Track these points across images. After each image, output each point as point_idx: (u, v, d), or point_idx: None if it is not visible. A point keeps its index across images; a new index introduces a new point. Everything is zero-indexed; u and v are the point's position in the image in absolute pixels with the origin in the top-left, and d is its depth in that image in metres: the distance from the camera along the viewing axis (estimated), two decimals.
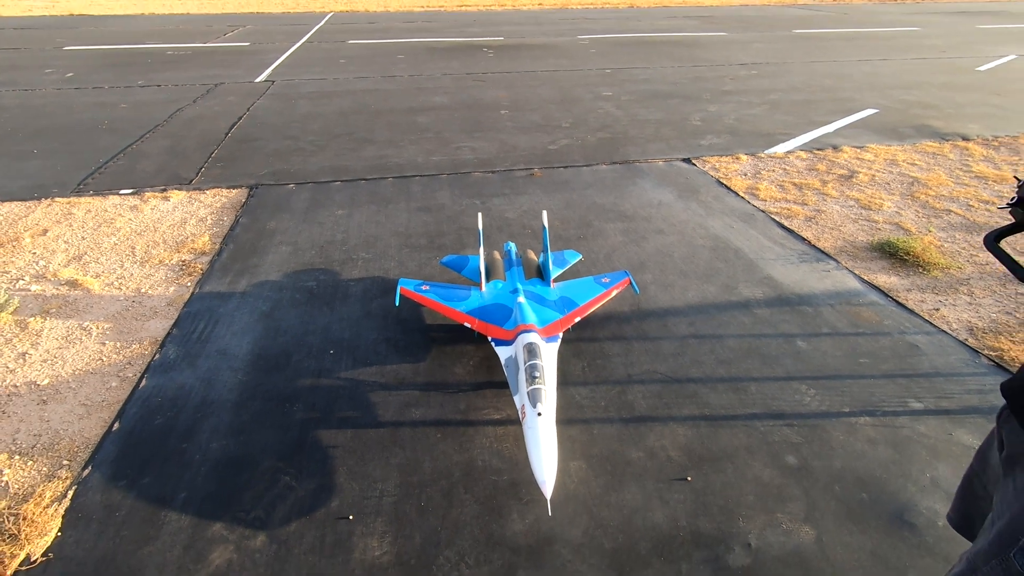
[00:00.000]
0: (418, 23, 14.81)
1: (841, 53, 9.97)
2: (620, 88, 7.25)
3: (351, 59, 9.36)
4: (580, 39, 11.81)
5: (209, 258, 3.13)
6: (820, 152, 4.82)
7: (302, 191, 4.03)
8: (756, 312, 2.65)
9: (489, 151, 4.87)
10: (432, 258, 3.12)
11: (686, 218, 3.62)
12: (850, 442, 1.92)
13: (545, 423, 1.69)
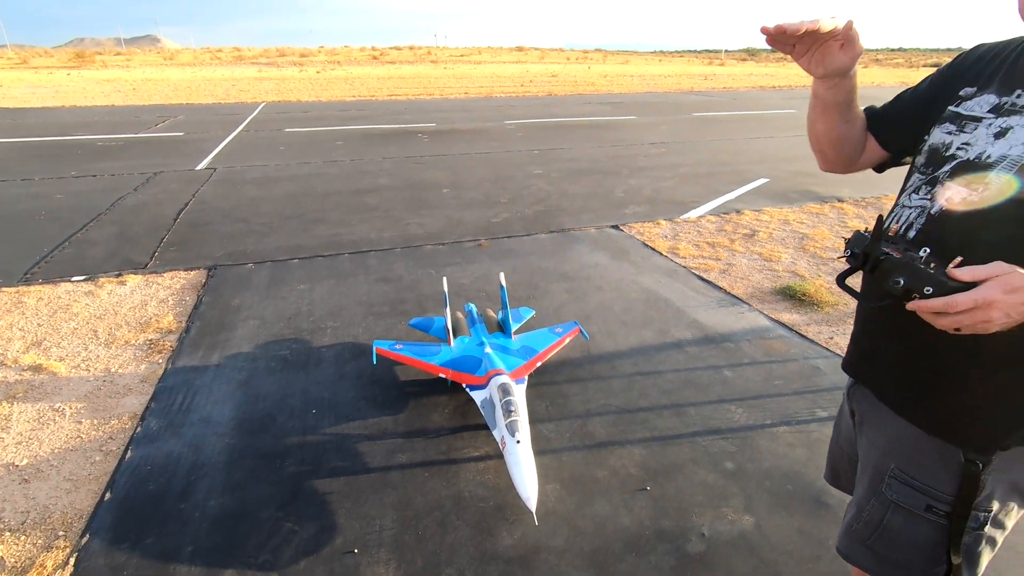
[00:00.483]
0: (352, 112, 15.54)
1: (734, 132, 11.46)
2: (549, 166, 8.00)
3: (291, 146, 9.73)
4: (507, 124, 12.85)
5: (177, 336, 3.23)
6: (726, 216, 5.58)
7: (261, 270, 4.20)
8: (688, 350, 3.08)
9: (437, 226, 5.26)
10: (396, 323, 3.38)
11: (620, 276, 4.10)
12: (774, 447, 2.30)
13: (524, 449, 1.95)
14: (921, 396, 1.01)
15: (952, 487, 0.98)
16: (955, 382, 0.96)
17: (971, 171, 0.91)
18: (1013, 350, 0.88)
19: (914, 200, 1.00)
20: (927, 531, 1.02)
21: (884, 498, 1.07)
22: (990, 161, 0.88)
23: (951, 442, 0.98)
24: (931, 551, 1.02)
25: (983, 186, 0.88)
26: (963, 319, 0.76)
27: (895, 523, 1.06)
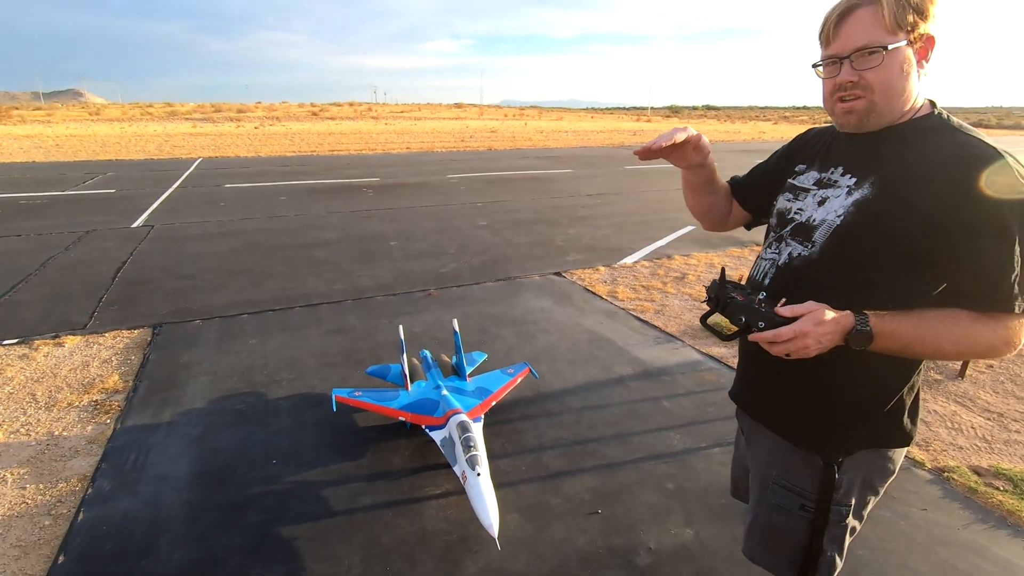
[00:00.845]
0: (293, 167, 15.57)
1: (663, 184, 12.35)
2: (492, 218, 8.36)
3: (232, 201, 9.67)
4: (450, 177, 13.27)
5: (124, 396, 3.17)
6: (658, 261, 6.03)
7: (210, 326, 4.19)
8: (629, 384, 3.33)
9: (386, 277, 5.40)
10: (352, 372, 3.46)
11: (564, 319, 4.37)
12: (709, 467, 2.55)
13: (484, 481, 2.10)
14: (784, 414, 1.26)
15: (816, 488, 1.21)
16: (807, 402, 1.21)
17: (803, 231, 1.19)
18: (847, 376, 1.15)
19: (768, 254, 1.29)
20: (803, 526, 1.24)
21: (769, 503, 1.30)
22: (815, 224, 1.17)
23: (811, 451, 1.22)
24: (807, 543, 1.25)
25: (811, 243, 1.17)
26: (788, 347, 1.02)
27: (779, 523, 1.28)
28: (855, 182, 1.12)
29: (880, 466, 1.22)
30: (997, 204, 0.95)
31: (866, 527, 2.10)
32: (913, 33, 1.01)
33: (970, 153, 0.99)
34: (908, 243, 1.03)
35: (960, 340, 1.02)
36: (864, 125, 1.10)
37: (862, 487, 1.22)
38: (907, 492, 2.39)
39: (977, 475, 2.49)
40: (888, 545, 2.10)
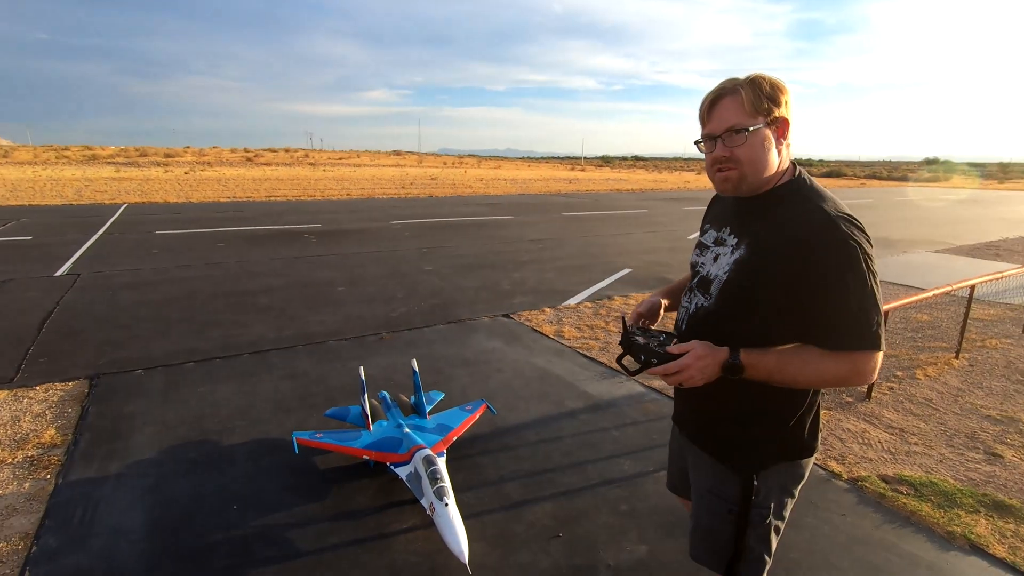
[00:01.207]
0: (229, 213, 15.20)
1: (600, 229, 13.00)
2: (439, 263, 8.53)
3: (166, 249, 9.34)
4: (393, 224, 13.39)
5: (63, 450, 3.04)
6: (600, 302, 6.38)
7: (153, 375, 4.06)
8: (580, 417, 3.53)
9: (336, 322, 5.42)
10: (308, 416, 3.47)
11: (516, 358, 4.55)
12: (658, 489, 2.75)
13: (452, 510, 2.20)
14: (709, 436, 1.49)
15: (739, 495, 1.42)
16: (726, 426, 1.44)
17: (704, 284, 1.44)
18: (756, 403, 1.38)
19: (683, 302, 1.53)
20: (731, 528, 1.44)
21: (707, 509, 1.50)
22: (711, 278, 1.41)
23: (730, 464, 1.44)
24: (735, 542, 1.45)
25: (709, 295, 1.41)
26: (677, 378, 1.26)
27: (714, 526, 1.48)
28: (736, 242, 1.36)
29: (791, 474, 1.43)
30: (836, 264, 1.18)
31: (795, 532, 2.37)
32: (769, 117, 1.27)
33: (814, 223, 1.23)
34: (773, 296, 1.26)
35: (811, 373, 1.24)
36: (740, 191, 1.33)
37: (778, 493, 1.43)
38: (828, 500, 2.69)
39: (885, 483, 2.83)
40: (814, 546, 2.36)
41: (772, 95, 1.27)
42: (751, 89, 1.27)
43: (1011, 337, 5.33)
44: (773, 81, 1.29)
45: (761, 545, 1.44)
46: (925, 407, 3.77)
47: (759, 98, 1.26)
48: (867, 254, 1.20)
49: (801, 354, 1.24)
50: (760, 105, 1.26)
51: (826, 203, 1.26)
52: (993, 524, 2.52)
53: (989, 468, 3.02)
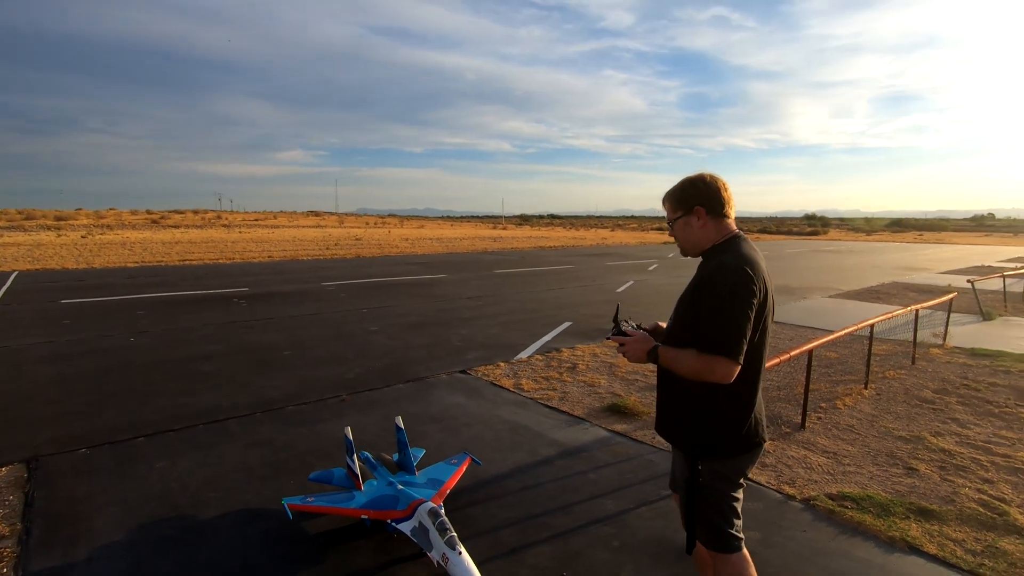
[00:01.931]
0: (141, 279, 14.29)
1: (533, 285, 13.50)
2: (383, 322, 8.52)
3: (79, 318, 8.65)
4: (326, 285, 13.17)
5: (15, 539, 2.78)
6: (550, 354, 6.66)
7: (101, 453, 3.79)
8: (556, 463, 3.71)
9: (291, 387, 5.29)
10: (286, 483, 3.39)
11: (481, 412, 4.67)
12: (642, 524, 2.96)
13: (467, 557, 2.30)
14: (673, 434, 1.95)
15: (689, 476, 1.88)
16: (671, 417, 1.93)
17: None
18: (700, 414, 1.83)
19: None
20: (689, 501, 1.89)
21: (682, 489, 1.94)
22: None
23: (685, 453, 1.90)
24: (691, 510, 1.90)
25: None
26: (621, 350, 1.88)
27: (684, 500, 1.92)
28: (690, 282, 1.89)
29: (730, 465, 1.86)
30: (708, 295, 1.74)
31: (767, 548, 2.67)
32: (683, 210, 1.91)
33: (710, 270, 1.79)
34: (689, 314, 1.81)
35: (689, 365, 1.74)
36: (687, 254, 1.98)
37: (720, 478, 1.86)
38: (788, 520, 3.02)
39: (832, 500, 3.21)
40: (786, 560, 2.65)
41: (680, 201, 1.93)
42: (672, 195, 1.96)
43: (904, 368, 6.17)
44: (686, 184, 1.93)
45: (714, 515, 1.87)
46: (849, 432, 4.29)
47: (674, 204, 1.95)
48: (732, 291, 1.70)
49: (687, 352, 1.76)
50: (676, 207, 1.95)
51: (727, 256, 1.79)
52: (922, 527, 2.95)
53: (910, 480, 3.51)
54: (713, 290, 1.72)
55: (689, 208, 1.90)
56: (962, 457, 3.85)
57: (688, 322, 1.80)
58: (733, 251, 1.80)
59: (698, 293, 1.77)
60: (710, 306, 1.72)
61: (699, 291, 1.77)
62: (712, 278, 1.74)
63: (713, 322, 1.70)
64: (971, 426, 4.45)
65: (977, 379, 5.75)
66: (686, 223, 1.92)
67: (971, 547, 2.78)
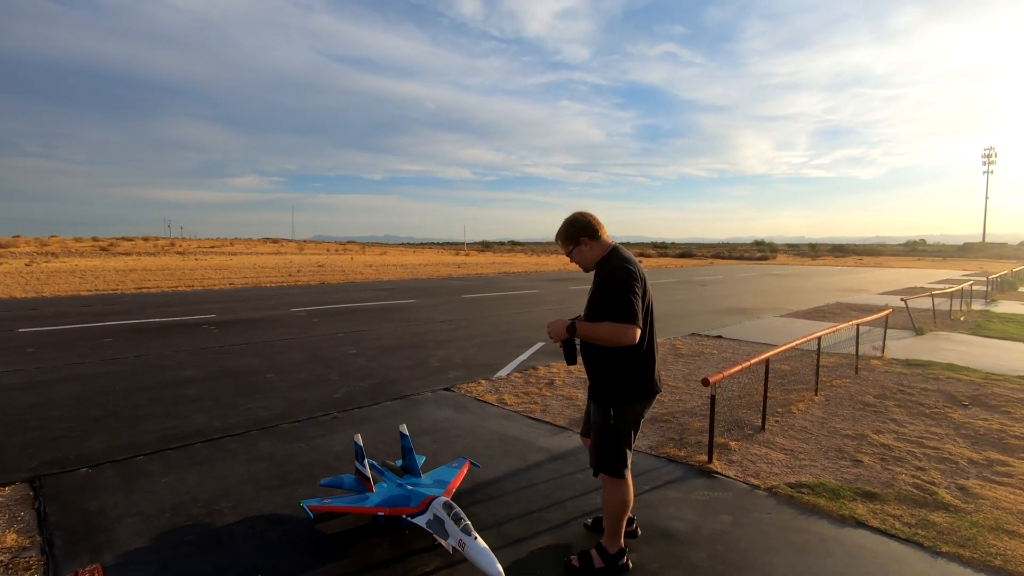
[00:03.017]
0: (99, 307, 13.90)
1: (501, 309, 13.85)
2: (360, 346, 8.68)
3: (43, 347, 8.45)
4: (295, 311, 13.15)
5: (37, 550, 2.89)
6: (527, 372, 6.99)
7: (103, 472, 3.87)
8: (546, 466, 4.02)
9: (280, 407, 5.43)
10: (295, 491, 3.58)
11: (470, 425, 4.95)
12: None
13: (481, 541, 2.58)
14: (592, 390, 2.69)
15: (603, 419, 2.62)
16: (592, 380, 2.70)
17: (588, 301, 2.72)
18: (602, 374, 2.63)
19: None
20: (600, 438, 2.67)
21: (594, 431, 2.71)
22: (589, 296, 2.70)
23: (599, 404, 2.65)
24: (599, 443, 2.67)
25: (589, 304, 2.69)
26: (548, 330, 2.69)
27: (596, 440, 2.69)
28: (592, 286, 2.68)
29: (631, 411, 2.64)
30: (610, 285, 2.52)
31: (741, 528, 3.07)
32: (573, 243, 2.72)
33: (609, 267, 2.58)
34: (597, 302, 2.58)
35: (604, 331, 2.48)
36: (587, 270, 2.77)
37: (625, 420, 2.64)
38: (755, 505, 3.42)
39: (790, 488, 3.65)
40: (754, 537, 3.04)
41: (569, 234, 2.74)
42: (563, 235, 2.77)
43: (848, 377, 6.80)
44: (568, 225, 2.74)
45: (615, 449, 2.65)
46: (803, 433, 4.78)
47: (566, 241, 2.78)
48: (625, 281, 2.50)
49: (602, 324, 2.51)
50: (568, 242, 2.76)
51: (614, 262, 2.60)
52: (867, 506, 3.41)
53: (856, 470, 3.99)
54: (614, 284, 2.50)
55: (577, 240, 2.72)
56: (899, 450, 4.38)
57: (598, 311, 2.55)
58: (617, 258, 2.62)
59: (603, 289, 2.55)
60: (613, 294, 2.49)
61: (603, 287, 2.55)
62: (612, 276, 2.53)
63: (619, 303, 2.47)
64: (907, 425, 5.02)
65: (911, 385, 6.41)
66: (578, 251, 2.74)
67: (907, 521, 3.24)
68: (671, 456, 4.21)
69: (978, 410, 5.47)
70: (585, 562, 2.73)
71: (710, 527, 3.16)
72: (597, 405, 2.67)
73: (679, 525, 3.18)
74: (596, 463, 2.69)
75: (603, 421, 2.63)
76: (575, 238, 2.71)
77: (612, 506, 2.70)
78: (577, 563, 2.74)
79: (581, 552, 2.79)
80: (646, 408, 2.69)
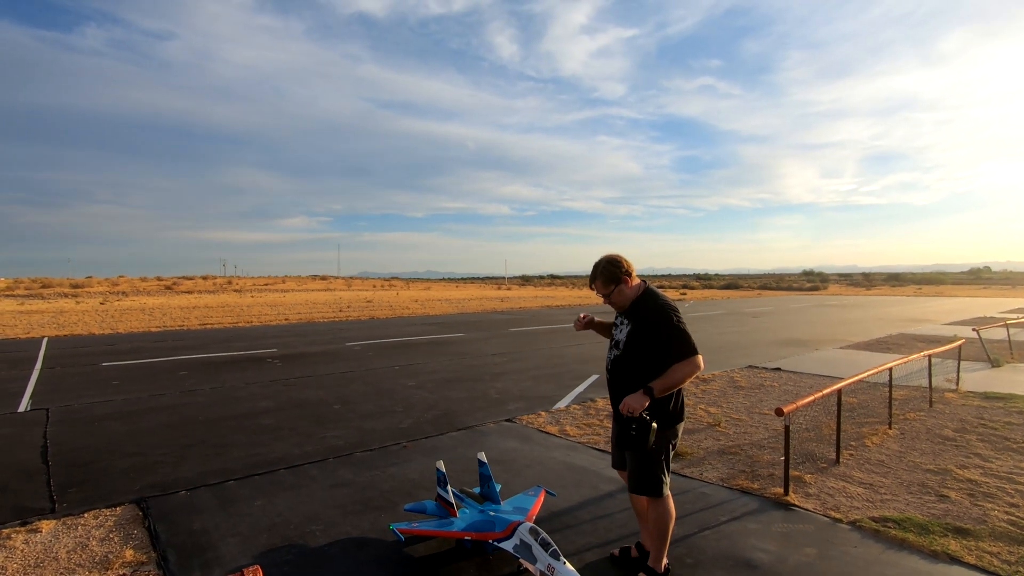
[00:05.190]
0: (169, 342, 14.74)
1: (551, 342, 13.92)
2: (418, 379, 8.91)
3: (126, 380, 9.06)
4: (350, 345, 13.61)
5: (153, 564, 3.13)
6: (585, 404, 7.03)
7: (200, 495, 4.14)
8: (618, 497, 4.05)
9: (353, 436, 5.66)
10: (379, 516, 3.74)
11: (537, 455, 5.03)
12: (708, 544, 3.30)
13: (570, 567, 2.66)
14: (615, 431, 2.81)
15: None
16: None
17: (616, 344, 2.95)
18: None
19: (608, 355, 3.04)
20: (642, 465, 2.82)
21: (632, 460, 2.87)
22: (619, 340, 2.93)
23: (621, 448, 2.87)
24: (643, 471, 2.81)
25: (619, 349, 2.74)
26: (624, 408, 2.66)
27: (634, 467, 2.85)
28: (627, 324, 2.87)
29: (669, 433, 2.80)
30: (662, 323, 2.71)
31: (825, 562, 3.04)
32: (615, 283, 2.87)
33: (655, 307, 2.78)
34: (648, 344, 2.73)
35: (681, 374, 2.64)
36: (620, 309, 2.94)
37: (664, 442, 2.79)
38: (839, 538, 3.36)
39: (875, 522, 3.56)
40: (843, 570, 2.99)
41: (611, 275, 2.88)
42: (602, 275, 2.90)
43: (922, 410, 6.54)
44: (607, 267, 2.88)
45: (656, 470, 2.79)
46: (880, 466, 4.65)
47: (606, 282, 2.90)
48: (676, 315, 2.72)
49: (672, 369, 2.65)
50: (608, 283, 2.90)
51: (656, 299, 2.81)
52: (960, 543, 3.29)
53: (943, 506, 3.85)
54: (669, 322, 2.70)
55: (619, 280, 2.88)
56: (988, 486, 4.20)
57: (652, 350, 2.72)
58: (654, 296, 2.85)
59: (658, 327, 2.71)
60: (673, 332, 2.68)
61: (658, 327, 2.71)
62: (664, 314, 2.72)
63: (681, 339, 2.67)
64: (993, 460, 4.80)
65: (993, 419, 6.12)
66: (619, 291, 2.89)
67: (1005, 559, 3.12)
68: (745, 488, 4.17)
69: None
70: None
71: (795, 559, 3.13)
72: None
73: (762, 556, 3.16)
74: (639, 484, 2.82)
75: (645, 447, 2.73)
76: (616, 279, 2.86)
77: (661, 525, 2.83)
78: None
79: None
80: (680, 430, 2.87)
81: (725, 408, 6.79)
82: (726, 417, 6.32)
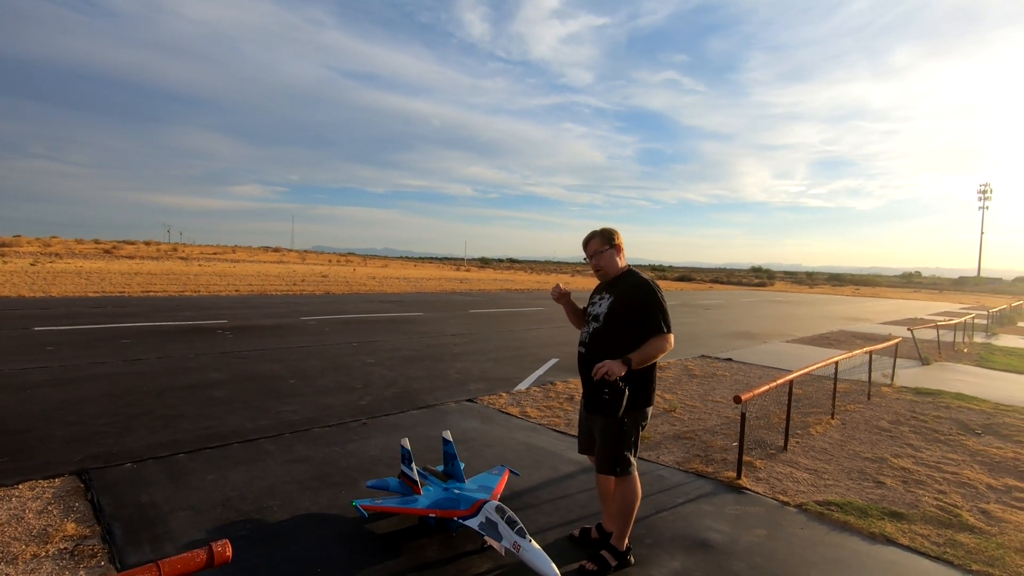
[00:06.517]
0: (110, 308, 13.97)
1: (510, 325, 13.96)
2: (377, 356, 8.78)
3: (62, 345, 8.53)
4: (305, 319, 13.25)
5: (98, 538, 2.97)
6: (545, 386, 7.10)
7: (147, 467, 3.96)
8: (578, 478, 4.12)
9: (310, 411, 5.52)
10: (339, 492, 3.67)
11: (498, 435, 5.05)
12: (666, 524, 3.41)
13: (536, 544, 2.68)
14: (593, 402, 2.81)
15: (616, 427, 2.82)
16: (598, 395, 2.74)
17: (595, 317, 2.96)
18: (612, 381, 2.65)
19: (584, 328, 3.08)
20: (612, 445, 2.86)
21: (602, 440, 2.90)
22: (599, 313, 2.94)
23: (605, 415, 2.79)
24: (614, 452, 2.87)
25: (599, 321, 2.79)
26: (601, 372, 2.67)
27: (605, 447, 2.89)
28: (608, 297, 2.91)
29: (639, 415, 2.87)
30: (643, 297, 2.80)
31: (776, 542, 3.19)
32: (611, 244, 2.97)
33: (639, 280, 2.87)
34: (628, 317, 2.79)
35: (656, 348, 2.72)
36: (604, 278, 3.01)
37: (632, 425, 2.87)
38: (788, 520, 3.53)
39: (819, 505, 3.76)
40: (791, 551, 3.15)
41: (607, 236, 2.98)
42: (601, 234, 2.98)
43: (861, 403, 6.93)
44: (607, 230, 2.99)
45: (625, 451, 2.86)
46: (824, 454, 4.90)
47: (604, 240, 2.98)
48: (658, 292, 2.82)
49: (648, 343, 2.74)
50: (604, 242, 2.98)
51: (638, 276, 2.90)
52: (895, 526, 3.52)
53: (880, 491, 4.11)
54: (652, 297, 2.79)
55: (612, 243, 2.98)
56: (919, 474, 4.50)
57: (629, 324, 2.78)
58: (637, 274, 2.93)
59: (637, 300, 2.80)
60: (653, 307, 2.77)
61: (637, 300, 2.80)
62: (646, 289, 2.81)
63: (660, 315, 2.77)
64: (923, 450, 5.15)
65: (924, 413, 6.55)
66: (610, 253, 2.97)
67: (935, 540, 3.36)
68: (700, 472, 4.32)
69: (991, 438, 5.60)
70: (600, 563, 2.87)
71: (746, 539, 3.27)
72: (601, 418, 2.86)
73: (717, 536, 3.29)
74: (611, 465, 2.87)
75: (615, 427, 2.81)
76: (612, 241, 2.97)
77: (626, 504, 2.91)
78: (594, 567, 2.85)
79: (591, 555, 2.93)
80: (649, 413, 2.95)
81: (680, 395, 7.00)
82: (681, 404, 6.52)
